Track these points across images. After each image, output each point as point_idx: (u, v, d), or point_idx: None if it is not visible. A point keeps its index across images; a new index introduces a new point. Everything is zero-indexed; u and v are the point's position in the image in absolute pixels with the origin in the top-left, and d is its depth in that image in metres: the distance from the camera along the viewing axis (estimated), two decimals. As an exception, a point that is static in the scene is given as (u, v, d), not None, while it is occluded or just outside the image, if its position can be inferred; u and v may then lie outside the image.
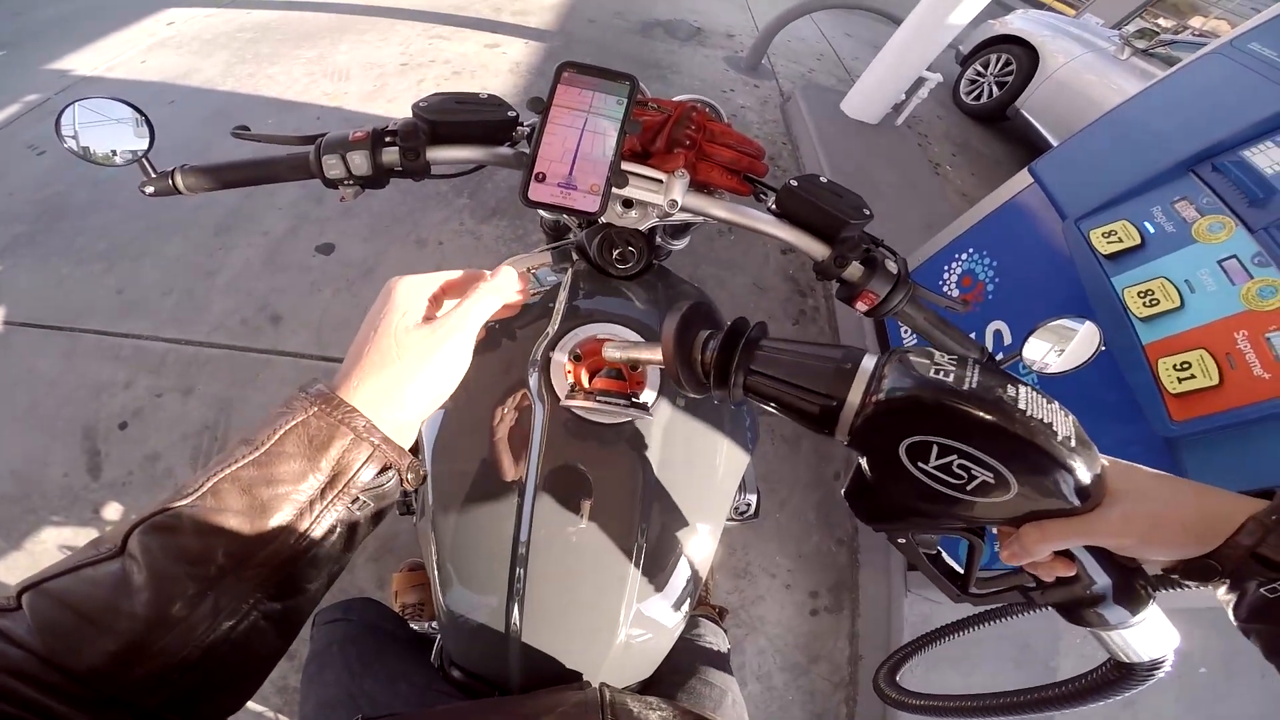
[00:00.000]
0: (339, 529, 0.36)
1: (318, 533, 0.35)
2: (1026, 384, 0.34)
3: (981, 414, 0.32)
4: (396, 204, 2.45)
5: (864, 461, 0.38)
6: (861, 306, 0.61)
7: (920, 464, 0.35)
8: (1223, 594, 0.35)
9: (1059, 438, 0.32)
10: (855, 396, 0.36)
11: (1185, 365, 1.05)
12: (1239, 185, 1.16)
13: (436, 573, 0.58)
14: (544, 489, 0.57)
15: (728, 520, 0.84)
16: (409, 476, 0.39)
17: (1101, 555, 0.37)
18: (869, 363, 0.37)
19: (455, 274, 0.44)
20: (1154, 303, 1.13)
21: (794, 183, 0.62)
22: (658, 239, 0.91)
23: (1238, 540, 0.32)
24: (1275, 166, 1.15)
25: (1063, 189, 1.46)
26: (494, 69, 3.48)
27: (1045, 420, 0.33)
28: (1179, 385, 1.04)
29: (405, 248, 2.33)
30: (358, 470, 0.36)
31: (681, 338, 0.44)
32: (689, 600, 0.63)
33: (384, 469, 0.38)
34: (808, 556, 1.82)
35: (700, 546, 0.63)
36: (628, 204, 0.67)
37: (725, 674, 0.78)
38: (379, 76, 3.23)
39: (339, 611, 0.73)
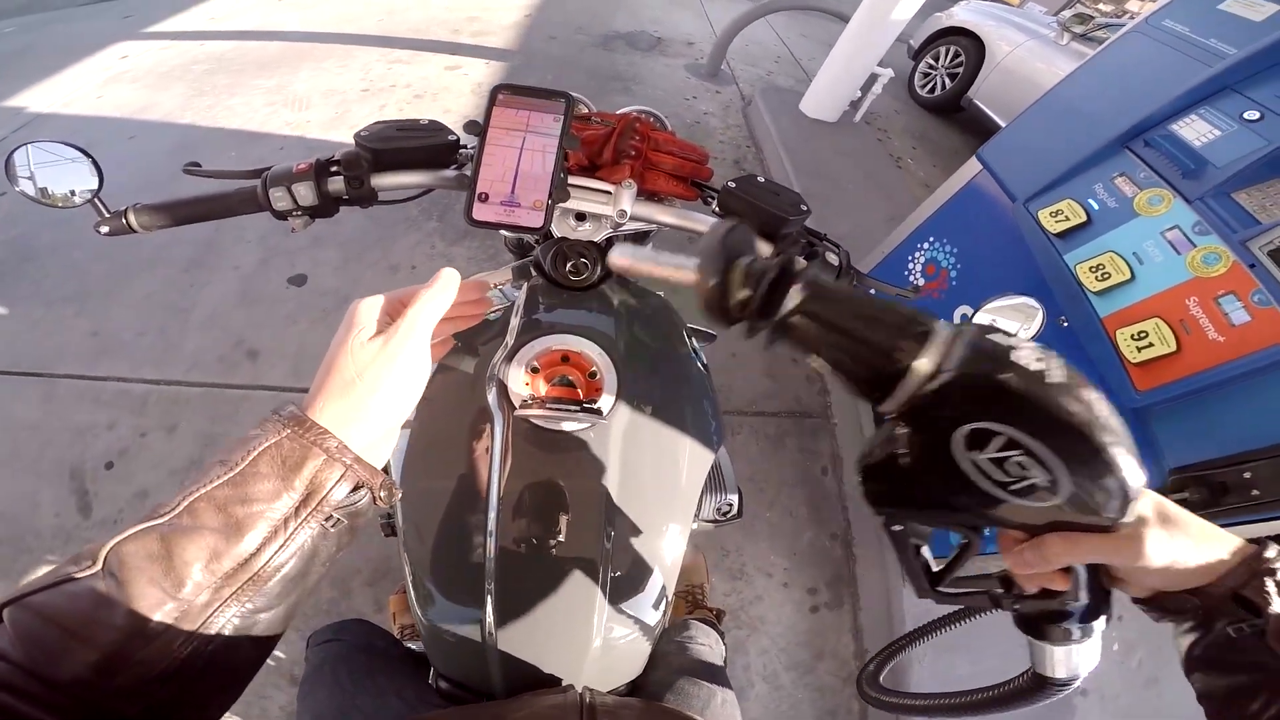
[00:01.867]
0: (313, 545, 0.37)
1: (292, 549, 0.36)
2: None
3: (1072, 413, 0.29)
4: (366, 231, 2.45)
5: (902, 436, 0.35)
6: None
7: (974, 452, 0.31)
8: (1183, 630, 0.36)
9: (1129, 451, 0.30)
10: (926, 364, 0.32)
11: (1143, 334, 1.07)
12: (1171, 158, 1.20)
13: (413, 591, 0.60)
14: (508, 500, 0.58)
15: (711, 521, 0.85)
16: (381, 495, 0.40)
17: (1093, 575, 0.36)
18: (945, 330, 0.33)
19: (408, 290, 0.44)
20: (1105, 276, 1.16)
21: (732, 184, 0.64)
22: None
23: (1223, 581, 0.34)
24: (1202, 138, 1.19)
25: (1010, 172, 1.50)
26: (456, 90, 3.49)
27: (1123, 431, 0.30)
28: (1139, 354, 1.06)
29: (378, 274, 2.33)
30: (330, 489, 0.37)
31: (726, 254, 0.37)
32: (665, 599, 0.64)
33: (357, 487, 0.39)
34: (802, 553, 1.82)
35: (671, 545, 0.64)
36: (580, 217, 0.68)
37: (716, 674, 0.79)
38: (340, 104, 3.23)
39: (331, 633, 0.74)
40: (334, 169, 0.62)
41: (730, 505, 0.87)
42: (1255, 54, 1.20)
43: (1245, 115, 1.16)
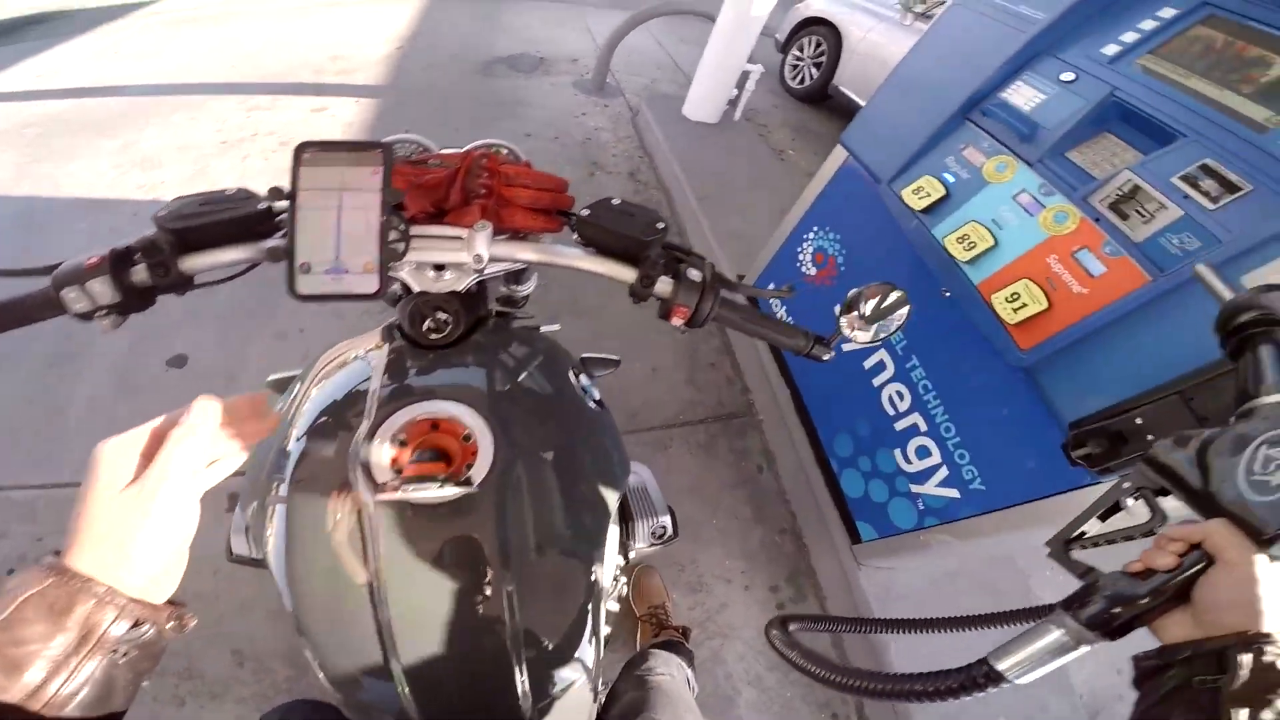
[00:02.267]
0: (105, 675, 0.36)
1: (80, 680, 0.35)
2: None
3: None
4: (245, 297, 2.24)
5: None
6: (678, 321, 0.61)
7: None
8: (1166, 684, 0.37)
9: None
10: None
11: (1015, 296, 1.12)
12: (1008, 125, 1.26)
13: (323, 675, 0.56)
14: (392, 577, 0.54)
15: (649, 546, 0.83)
16: (169, 628, 0.39)
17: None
18: None
19: (158, 421, 0.43)
20: (972, 246, 1.21)
21: (586, 212, 0.62)
22: (502, 289, 0.88)
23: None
24: (1029, 103, 1.26)
25: (871, 155, 1.54)
26: (325, 133, 3.30)
27: None
28: (1015, 315, 1.10)
29: (265, 343, 2.15)
30: (108, 628, 0.36)
31: None
32: (597, 640, 0.62)
33: (139, 623, 0.38)
34: (755, 554, 1.83)
35: (588, 585, 0.62)
36: (439, 268, 0.63)
37: (679, 703, 0.80)
38: (198, 159, 2.98)
39: (277, 715, 0.74)
40: (135, 258, 0.54)
41: (664, 527, 0.85)
42: (1060, 17, 1.27)
43: (1062, 77, 1.24)
